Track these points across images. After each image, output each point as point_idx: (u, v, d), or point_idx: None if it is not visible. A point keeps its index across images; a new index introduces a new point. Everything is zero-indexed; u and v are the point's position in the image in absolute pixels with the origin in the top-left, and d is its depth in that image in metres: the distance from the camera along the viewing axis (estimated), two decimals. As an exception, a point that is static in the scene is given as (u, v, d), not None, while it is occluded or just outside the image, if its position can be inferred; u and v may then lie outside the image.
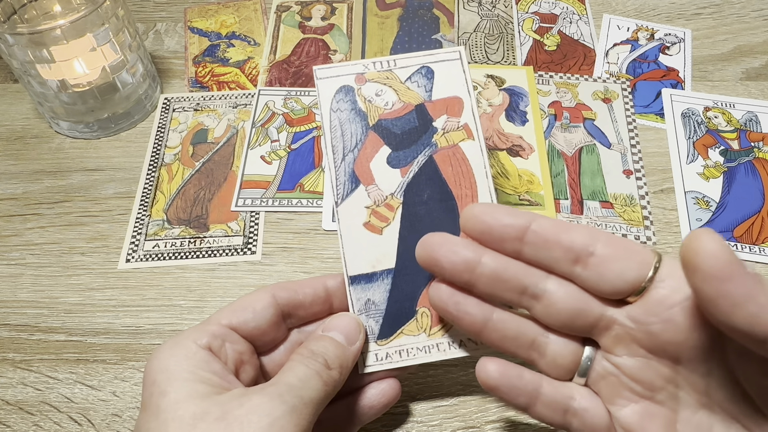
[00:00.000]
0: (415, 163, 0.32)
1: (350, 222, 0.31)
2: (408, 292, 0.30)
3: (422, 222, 0.31)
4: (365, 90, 0.33)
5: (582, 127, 0.48)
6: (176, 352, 0.26)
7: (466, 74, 0.33)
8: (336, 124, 0.32)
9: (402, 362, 0.30)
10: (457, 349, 0.30)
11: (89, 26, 0.43)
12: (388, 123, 0.32)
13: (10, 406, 0.36)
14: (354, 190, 0.31)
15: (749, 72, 0.51)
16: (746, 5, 0.57)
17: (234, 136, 0.48)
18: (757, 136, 0.47)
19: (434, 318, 0.30)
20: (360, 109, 0.32)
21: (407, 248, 0.31)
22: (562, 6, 0.58)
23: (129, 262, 0.41)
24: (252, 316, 0.29)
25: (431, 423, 0.34)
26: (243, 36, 0.56)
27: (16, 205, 0.45)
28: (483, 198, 0.31)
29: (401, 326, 0.30)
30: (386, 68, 0.33)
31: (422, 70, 0.33)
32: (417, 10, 0.57)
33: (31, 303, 0.40)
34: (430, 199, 0.31)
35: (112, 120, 0.48)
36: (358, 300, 0.30)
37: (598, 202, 0.43)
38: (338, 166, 0.32)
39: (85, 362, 0.37)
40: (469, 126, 0.32)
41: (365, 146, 0.32)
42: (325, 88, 0.32)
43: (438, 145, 0.32)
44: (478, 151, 0.32)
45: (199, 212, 0.44)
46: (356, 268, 0.31)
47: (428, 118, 0.32)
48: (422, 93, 0.33)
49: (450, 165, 0.32)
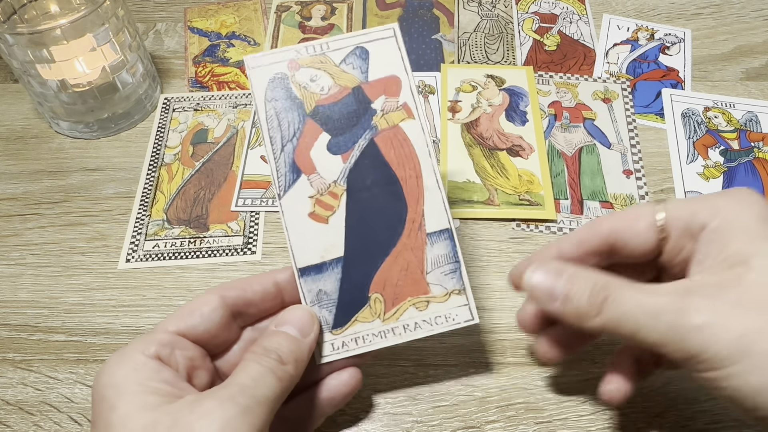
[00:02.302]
0: (356, 148, 0.31)
1: (295, 213, 0.31)
2: (359, 279, 0.31)
3: (368, 208, 0.31)
4: (299, 76, 0.31)
5: (582, 127, 0.48)
6: (124, 365, 0.26)
7: (402, 52, 0.32)
8: (272, 114, 0.31)
9: (358, 349, 0.30)
10: (413, 332, 0.31)
11: (89, 26, 0.43)
12: (326, 109, 0.31)
13: (10, 406, 0.36)
14: (296, 181, 0.31)
15: (749, 72, 0.51)
16: (746, 5, 0.57)
17: (234, 136, 0.48)
18: (757, 136, 0.47)
19: (387, 303, 0.31)
20: (295, 97, 0.31)
21: (355, 235, 0.31)
22: (562, 6, 0.58)
23: (129, 262, 0.41)
24: (200, 320, 0.28)
25: (431, 423, 0.34)
26: (243, 36, 0.56)
27: (16, 205, 0.45)
28: (428, 179, 0.31)
29: (355, 314, 0.31)
30: (319, 52, 0.32)
31: (356, 51, 0.32)
32: (417, 10, 0.57)
33: (31, 303, 0.40)
34: (374, 184, 0.31)
35: (112, 120, 0.48)
36: (309, 291, 0.30)
37: (598, 202, 0.43)
38: (278, 158, 0.31)
39: (85, 362, 0.37)
40: (409, 105, 0.32)
41: (304, 134, 0.31)
42: (258, 78, 0.31)
43: (378, 128, 0.31)
44: (420, 131, 0.31)
45: (199, 212, 0.44)
46: (305, 260, 0.31)
47: (366, 100, 0.32)
48: (358, 75, 0.32)
49: (392, 147, 0.31)
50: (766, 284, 0.24)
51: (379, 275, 0.31)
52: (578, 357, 0.36)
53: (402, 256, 0.31)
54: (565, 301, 0.27)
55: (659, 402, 0.35)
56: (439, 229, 0.31)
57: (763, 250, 0.24)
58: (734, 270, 0.24)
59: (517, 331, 0.37)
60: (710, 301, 0.24)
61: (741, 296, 0.24)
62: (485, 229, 0.42)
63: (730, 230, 0.25)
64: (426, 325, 0.31)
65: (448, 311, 0.31)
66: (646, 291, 0.25)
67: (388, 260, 0.31)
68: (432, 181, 0.31)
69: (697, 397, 0.35)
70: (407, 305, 0.31)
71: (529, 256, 0.32)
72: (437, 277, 0.31)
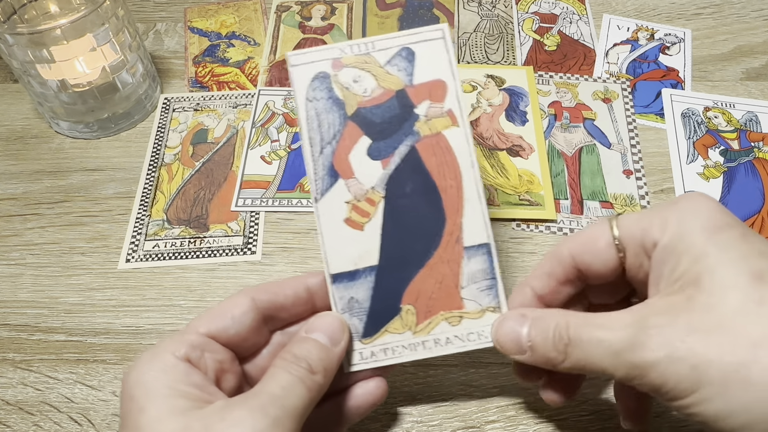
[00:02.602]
0: (396, 154, 0.30)
1: (330, 218, 0.30)
2: (392, 289, 0.30)
3: (405, 217, 0.30)
4: (342, 76, 0.30)
5: (582, 127, 0.48)
6: (154, 366, 0.25)
7: (450, 54, 0.30)
8: (312, 114, 0.30)
9: (387, 360, 0.30)
10: (443, 347, 0.30)
11: (89, 26, 0.43)
12: (367, 111, 0.30)
13: (10, 406, 0.36)
14: (333, 185, 0.30)
15: (749, 72, 0.51)
16: (746, 5, 0.57)
17: (234, 136, 0.48)
18: (757, 136, 0.47)
19: (419, 315, 0.30)
20: (337, 98, 0.30)
21: (390, 244, 0.30)
22: (562, 6, 0.58)
23: (129, 262, 0.41)
24: (231, 322, 0.28)
25: (431, 423, 0.34)
26: (243, 36, 0.56)
27: (16, 205, 0.45)
28: (469, 191, 0.30)
29: (386, 324, 0.30)
30: (364, 52, 0.30)
31: (402, 52, 0.30)
32: (417, 10, 0.57)
33: (31, 303, 0.40)
34: (413, 192, 0.30)
35: (112, 120, 0.48)
36: (340, 299, 0.30)
37: (598, 202, 0.43)
38: (316, 160, 0.30)
39: (85, 362, 0.37)
40: (454, 112, 0.30)
41: (343, 137, 0.30)
42: (300, 76, 0.30)
43: (420, 134, 0.30)
44: (464, 140, 0.30)
45: (199, 212, 0.44)
46: (338, 266, 0.30)
47: (410, 105, 0.30)
48: (403, 77, 0.30)
49: (434, 155, 0.30)
50: (715, 306, 0.23)
51: (413, 286, 0.30)
52: (578, 357, 0.36)
53: (437, 268, 0.30)
54: (533, 351, 0.27)
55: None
56: (477, 244, 0.30)
57: (709, 267, 0.23)
58: (685, 292, 0.24)
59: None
60: (663, 332, 0.23)
61: (691, 322, 0.23)
62: (485, 229, 0.42)
63: (678, 247, 0.24)
64: (458, 341, 0.30)
65: (482, 328, 0.30)
66: (605, 326, 0.25)
67: (422, 272, 0.30)
68: (473, 192, 0.30)
69: (697, 397, 0.35)
70: (440, 319, 0.30)
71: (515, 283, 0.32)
72: (472, 293, 0.30)
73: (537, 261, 0.41)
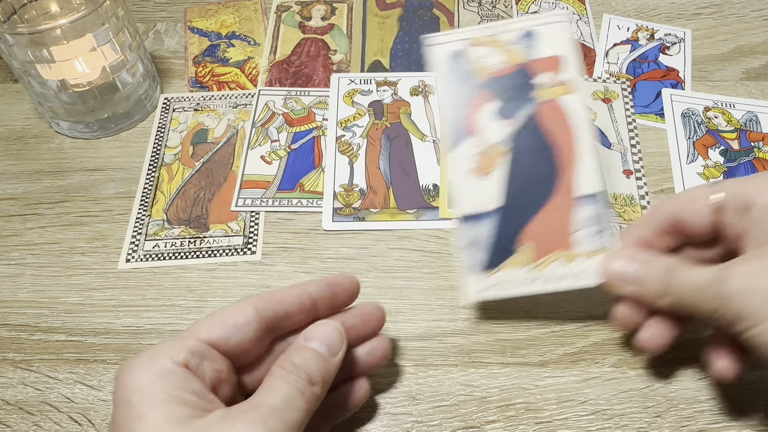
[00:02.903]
0: (519, 116, 0.35)
1: (459, 168, 0.35)
2: (511, 229, 0.34)
3: (524, 169, 0.34)
4: (474, 53, 0.36)
5: (582, 127, 0.48)
6: (151, 370, 0.25)
7: (569, 35, 0.35)
8: (445, 83, 0.36)
9: (505, 292, 0.33)
10: (557, 282, 0.33)
11: (89, 26, 0.43)
12: (495, 81, 0.35)
13: (10, 406, 0.36)
14: (463, 140, 0.35)
15: (749, 72, 0.51)
16: (746, 5, 0.57)
17: (234, 136, 0.48)
18: (757, 136, 0.47)
19: (535, 254, 0.33)
20: (469, 70, 0.36)
21: (510, 191, 0.34)
22: (562, 6, 0.58)
23: (129, 262, 0.41)
24: (233, 331, 0.27)
25: (431, 423, 0.34)
26: (243, 36, 0.56)
27: (16, 205, 0.45)
28: (582, 147, 0.34)
29: (504, 260, 0.33)
30: (493, 33, 0.36)
31: (526, 33, 0.36)
32: (417, 10, 0.57)
33: (31, 303, 0.40)
34: (532, 149, 0.34)
35: (112, 120, 0.48)
36: (466, 236, 0.34)
37: (598, 202, 0.43)
38: (448, 119, 0.35)
39: (85, 362, 0.37)
40: (570, 81, 0.35)
41: (473, 102, 0.35)
42: (437, 53, 0.36)
43: (540, 100, 0.35)
44: (578, 105, 0.34)
45: (199, 212, 0.44)
46: (464, 209, 0.34)
47: (531, 75, 0.35)
48: (527, 53, 0.35)
49: (551, 117, 0.34)
50: None
51: (530, 228, 0.33)
52: (578, 357, 0.36)
53: (552, 214, 0.33)
54: (639, 284, 0.31)
55: (659, 402, 0.35)
56: (589, 194, 0.33)
57: None
58: None
59: (517, 331, 0.37)
60: (747, 268, 0.27)
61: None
62: (485, 229, 0.42)
63: None
64: (571, 278, 0.33)
65: (592, 267, 0.33)
66: (700, 269, 0.29)
67: (538, 216, 0.33)
68: (586, 149, 0.34)
69: (697, 397, 0.35)
70: (553, 258, 0.33)
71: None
72: (584, 237, 0.33)
73: (537, 261, 0.41)
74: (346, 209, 0.43)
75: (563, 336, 0.37)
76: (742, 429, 0.34)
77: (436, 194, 0.44)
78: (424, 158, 0.46)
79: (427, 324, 0.38)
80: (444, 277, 0.40)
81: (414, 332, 0.38)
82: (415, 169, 0.45)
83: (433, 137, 0.47)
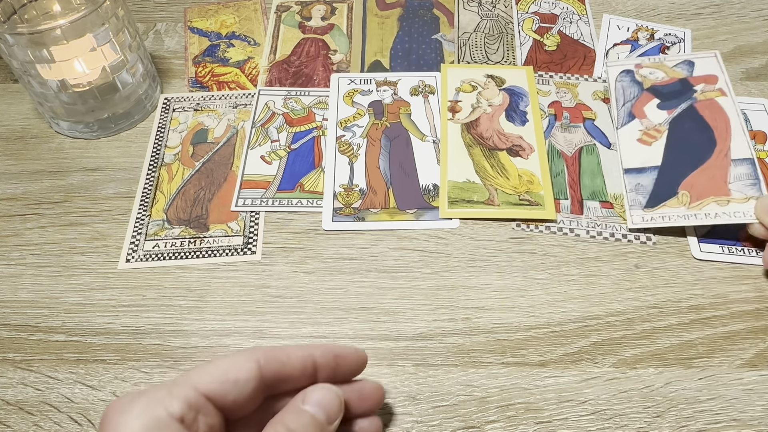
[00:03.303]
0: (678, 108, 0.45)
1: (626, 138, 0.45)
2: (670, 180, 0.42)
3: (683, 140, 0.43)
4: (642, 71, 0.48)
5: (582, 127, 0.48)
6: (144, 419, 0.24)
7: (720, 64, 0.47)
8: (620, 87, 0.48)
9: (663, 224, 0.40)
10: (713, 219, 0.39)
11: (89, 26, 0.43)
12: (658, 87, 0.47)
13: (10, 406, 0.36)
14: (630, 121, 0.46)
15: (749, 72, 0.51)
16: (746, 5, 0.57)
17: (234, 136, 0.48)
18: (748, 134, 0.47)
19: (693, 198, 0.40)
20: (637, 81, 0.48)
21: (671, 155, 0.43)
22: (562, 6, 0.58)
23: (129, 262, 0.41)
24: (233, 387, 0.26)
25: (431, 423, 0.34)
26: (243, 36, 0.56)
27: (16, 205, 0.45)
28: (735, 127, 0.43)
29: (664, 201, 0.41)
30: (658, 62, 0.48)
31: (685, 62, 0.48)
32: (417, 10, 0.57)
33: (31, 303, 0.40)
34: (690, 129, 0.44)
35: (112, 120, 0.48)
36: (630, 183, 0.43)
37: (598, 202, 0.43)
38: (620, 108, 0.47)
39: (85, 362, 0.37)
40: (723, 90, 0.45)
41: (640, 99, 0.46)
42: (614, 70, 0.49)
43: (697, 99, 0.45)
44: (732, 103, 0.44)
45: (199, 212, 0.44)
46: (629, 163, 0.44)
47: (689, 85, 0.46)
48: (688, 72, 0.47)
49: (707, 109, 0.44)
50: None
51: (688, 180, 0.41)
52: (578, 357, 0.36)
53: (709, 170, 0.41)
54: None
55: (659, 402, 0.35)
56: (742, 158, 0.41)
57: None
58: None
59: (517, 331, 0.37)
60: None
61: None
62: (485, 229, 0.42)
63: None
64: (725, 216, 0.39)
65: (746, 209, 0.39)
66: None
67: (696, 172, 0.41)
68: (738, 129, 0.43)
69: (697, 397, 0.35)
70: (710, 201, 0.40)
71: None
72: (738, 187, 0.40)
73: (537, 261, 0.41)
74: (346, 209, 0.43)
75: (563, 336, 0.37)
76: (742, 429, 0.34)
77: (436, 194, 0.44)
78: (424, 158, 0.46)
79: (427, 324, 0.38)
80: (444, 277, 0.40)
81: (414, 332, 0.38)
82: (415, 169, 0.46)
83: (433, 137, 0.47)
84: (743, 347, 0.37)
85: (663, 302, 0.39)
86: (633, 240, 0.41)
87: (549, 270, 0.40)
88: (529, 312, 0.38)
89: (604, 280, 0.40)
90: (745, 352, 0.36)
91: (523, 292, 0.39)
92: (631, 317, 0.38)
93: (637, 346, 0.37)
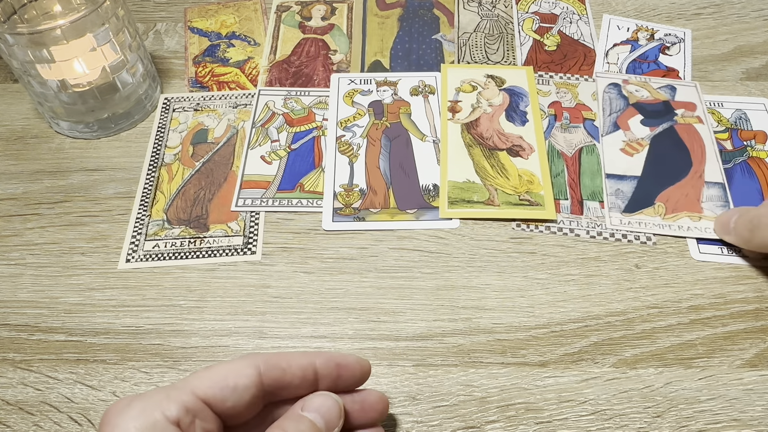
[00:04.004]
0: (660, 126, 0.47)
1: (610, 147, 0.46)
2: (649, 191, 0.44)
3: (663, 156, 0.45)
4: (629, 87, 0.50)
5: (582, 127, 0.48)
6: (141, 420, 0.24)
7: (699, 94, 0.49)
8: (607, 98, 0.49)
9: (639, 230, 0.42)
10: (685, 231, 0.41)
11: (89, 26, 0.43)
12: (643, 104, 0.49)
13: (10, 406, 0.36)
14: (615, 131, 0.47)
15: (749, 72, 0.51)
16: (746, 5, 0.57)
17: (234, 136, 0.48)
18: (749, 134, 0.47)
19: (668, 209, 0.42)
20: (624, 95, 0.49)
21: (650, 168, 0.45)
22: (562, 6, 0.58)
23: (129, 262, 0.41)
24: (231, 393, 0.26)
25: (431, 423, 0.34)
26: (243, 36, 0.56)
27: (16, 205, 0.45)
28: (709, 153, 0.45)
29: (642, 208, 0.43)
30: (643, 80, 0.50)
31: (668, 86, 0.50)
32: (417, 10, 0.57)
33: (31, 303, 0.40)
34: (670, 147, 0.46)
35: (112, 120, 0.48)
36: (611, 188, 0.44)
37: (598, 203, 0.43)
38: (605, 118, 0.48)
39: (85, 362, 0.37)
40: (701, 118, 0.48)
41: (625, 113, 0.48)
42: (602, 82, 0.50)
43: (677, 122, 0.47)
44: (708, 131, 0.47)
45: (199, 212, 0.44)
46: (611, 170, 0.45)
47: (671, 108, 0.48)
48: (668, 96, 0.49)
49: (686, 132, 0.47)
50: None
51: (665, 193, 0.43)
52: (578, 357, 0.36)
53: (684, 188, 0.43)
54: (735, 234, 0.39)
55: (659, 402, 0.35)
56: (715, 181, 0.44)
57: None
58: None
59: (517, 331, 0.37)
60: None
61: None
62: (485, 229, 0.42)
63: None
64: (696, 231, 0.41)
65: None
66: None
67: (673, 187, 0.44)
68: (712, 156, 0.45)
69: (697, 397, 0.35)
70: (684, 215, 0.42)
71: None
72: (710, 206, 0.43)
73: (537, 261, 0.41)
74: (346, 209, 0.43)
75: (563, 336, 0.37)
76: (742, 429, 0.34)
77: (436, 194, 0.44)
78: (424, 158, 0.46)
79: (427, 324, 0.38)
80: (444, 277, 0.40)
81: (414, 332, 0.38)
82: (415, 169, 0.46)
83: (433, 137, 0.47)
84: (743, 347, 0.37)
85: (663, 302, 0.39)
86: (633, 240, 0.41)
87: (549, 270, 0.40)
88: (529, 312, 0.38)
89: (604, 280, 0.40)
90: (745, 352, 0.36)
91: (523, 292, 0.39)
92: (631, 317, 0.38)
93: (637, 346, 0.37)
